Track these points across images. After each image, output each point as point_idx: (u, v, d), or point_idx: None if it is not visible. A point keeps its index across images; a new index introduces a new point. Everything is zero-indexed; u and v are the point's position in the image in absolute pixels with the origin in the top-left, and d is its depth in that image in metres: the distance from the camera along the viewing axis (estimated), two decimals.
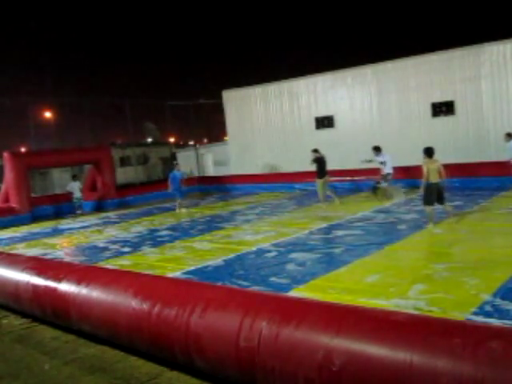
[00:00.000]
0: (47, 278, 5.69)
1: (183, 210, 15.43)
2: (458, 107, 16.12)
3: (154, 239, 10.93)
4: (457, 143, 16.10)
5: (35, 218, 16.60)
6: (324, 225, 10.48)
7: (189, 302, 4.03)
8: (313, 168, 13.66)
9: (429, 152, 9.18)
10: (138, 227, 13.04)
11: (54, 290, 5.45)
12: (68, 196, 18.42)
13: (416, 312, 4.74)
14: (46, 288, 5.58)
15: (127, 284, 4.78)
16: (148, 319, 4.24)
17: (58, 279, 5.51)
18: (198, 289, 4.40)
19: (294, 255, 7.93)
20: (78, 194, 17.95)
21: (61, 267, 6.00)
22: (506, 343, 2.57)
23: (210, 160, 27.87)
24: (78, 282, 5.22)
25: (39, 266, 6.20)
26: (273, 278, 6.70)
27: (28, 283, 5.91)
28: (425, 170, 9.10)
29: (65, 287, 5.33)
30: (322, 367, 3.02)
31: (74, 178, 18.80)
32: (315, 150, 13.74)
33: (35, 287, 5.78)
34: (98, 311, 4.81)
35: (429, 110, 16.74)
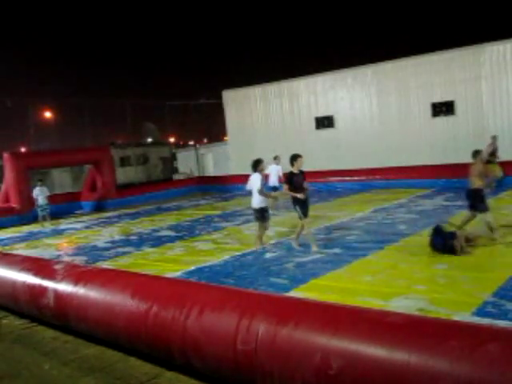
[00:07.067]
0: (44, 278, 5.68)
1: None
2: (458, 107, 16.12)
3: (154, 239, 10.93)
4: (457, 143, 16.09)
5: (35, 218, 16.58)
6: (324, 225, 10.47)
7: (186, 304, 4.00)
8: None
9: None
10: (138, 227, 13.04)
11: (52, 290, 5.43)
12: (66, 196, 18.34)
13: (416, 312, 4.73)
14: (43, 289, 5.56)
15: (124, 284, 4.76)
16: (145, 321, 4.22)
17: (55, 280, 5.49)
18: (195, 290, 4.37)
19: (293, 255, 7.92)
20: (42, 201, 15.09)
21: (58, 267, 5.96)
22: (503, 345, 2.57)
23: (210, 160, 27.88)
24: (76, 282, 5.20)
25: (36, 266, 6.19)
26: (273, 278, 6.69)
27: (25, 284, 5.89)
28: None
29: (62, 288, 5.31)
30: (320, 370, 3.00)
31: (40, 182, 15.60)
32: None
33: (32, 288, 5.75)
34: (95, 312, 4.79)
35: (429, 110, 16.74)
